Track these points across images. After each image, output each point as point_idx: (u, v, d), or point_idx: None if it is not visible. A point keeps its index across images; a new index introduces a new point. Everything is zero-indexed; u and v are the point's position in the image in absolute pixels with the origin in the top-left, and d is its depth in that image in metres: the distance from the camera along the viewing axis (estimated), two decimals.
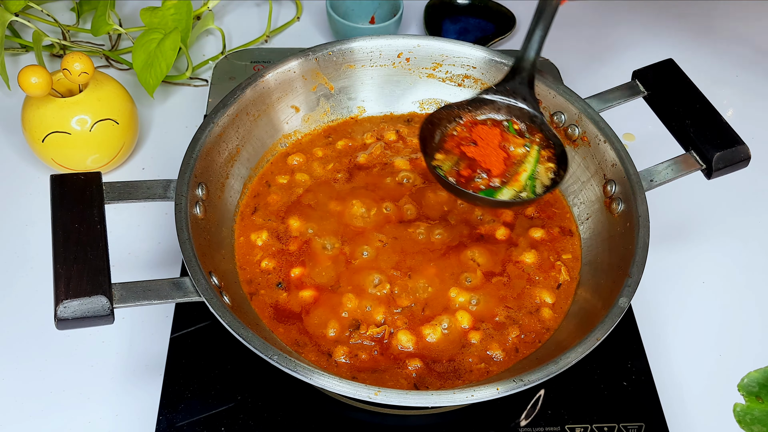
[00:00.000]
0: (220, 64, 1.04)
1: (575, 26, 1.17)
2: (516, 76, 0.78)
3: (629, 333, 0.79)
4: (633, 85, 0.82)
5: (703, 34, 1.18)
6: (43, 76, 0.81)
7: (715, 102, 0.80)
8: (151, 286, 0.63)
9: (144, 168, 0.95)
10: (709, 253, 0.89)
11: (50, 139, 0.86)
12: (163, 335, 0.78)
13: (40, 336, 0.78)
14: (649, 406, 0.74)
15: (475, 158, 0.74)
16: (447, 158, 0.75)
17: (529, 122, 0.77)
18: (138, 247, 0.86)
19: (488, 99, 0.78)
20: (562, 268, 0.76)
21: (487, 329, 0.72)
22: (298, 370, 0.60)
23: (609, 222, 0.76)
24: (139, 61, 0.94)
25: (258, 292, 0.74)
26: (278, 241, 0.77)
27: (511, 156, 0.75)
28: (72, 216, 0.65)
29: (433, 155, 0.75)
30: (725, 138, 0.76)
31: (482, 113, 0.78)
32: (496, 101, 0.78)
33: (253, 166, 0.82)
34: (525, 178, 0.74)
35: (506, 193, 0.73)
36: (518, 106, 0.78)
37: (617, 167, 0.76)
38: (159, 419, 0.71)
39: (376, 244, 0.77)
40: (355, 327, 0.71)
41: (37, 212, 0.89)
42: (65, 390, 0.75)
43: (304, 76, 0.85)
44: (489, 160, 0.74)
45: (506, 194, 0.73)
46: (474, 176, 0.74)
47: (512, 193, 0.73)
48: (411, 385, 0.68)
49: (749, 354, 0.81)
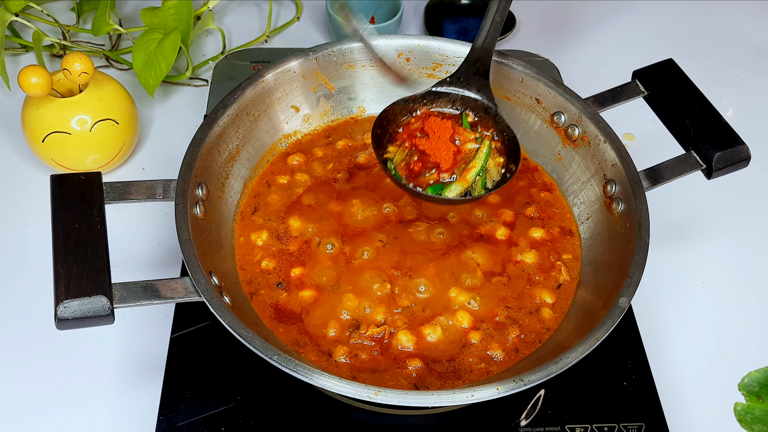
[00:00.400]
0: (220, 64, 1.04)
1: (575, 26, 1.17)
2: (470, 67, 0.78)
3: (629, 333, 0.79)
4: (633, 85, 0.82)
5: (703, 34, 1.18)
6: (43, 76, 0.81)
7: (715, 102, 0.80)
8: (151, 286, 0.63)
9: (144, 168, 0.95)
10: (709, 253, 0.89)
11: (50, 139, 0.86)
12: (163, 335, 0.78)
13: (40, 336, 0.78)
14: (649, 406, 0.74)
15: (426, 151, 0.74)
16: (398, 150, 0.75)
17: (484, 113, 0.77)
18: (138, 247, 0.86)
19: (442, 92, 0.77)
20: (562, 268, 0.76)
21: (487, 329, 0.72)
22: (298, 370, 0.60)
23: (609, 222, 0.76)
24: (139, 61, 0.94)
25: (258, 292, 0.74)
26: (278, 241, 0.77)
27: (461, 150, 0.75)
28: (72, 216, 0.65)
29: (386, 148, 0.74)
30: (725, 138, 0.76)
31: (437, 106, 0.78)
32: (451, 93, 0.77)
33: (253, 166, 0.82)
34: (473, 174, 0.73)
35: (454, 190, 0.73)
36: (472, 97, 0.77)
37: (617, 167, 0.76)
38: (159, 419, 0.71)
39: (376, 244, 0.77)
40: (355, 327, 0.71)
41: (37, 212, 0.89)
42: (65, 390, 0.75)
43: (304, 76, 0.85)
44: (439, 153, 0.74)
45: (454, 191, 0.73)
46: (424, 171, 0.73)
47: (459, 190, 0.73)
48: (411, 385, 0.68)
49: (749, 354, 0.81)
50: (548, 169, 0.84)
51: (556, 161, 0.83)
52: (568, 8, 1.20)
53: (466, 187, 0.73)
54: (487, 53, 0.77)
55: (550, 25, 1.17)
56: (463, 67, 0.78)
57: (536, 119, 0.84)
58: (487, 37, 0.76)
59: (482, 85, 0.78)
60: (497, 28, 0.76)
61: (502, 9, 0.75)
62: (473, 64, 0.78)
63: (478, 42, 0.77)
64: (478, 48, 0.77)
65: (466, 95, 0.78)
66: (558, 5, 1.20)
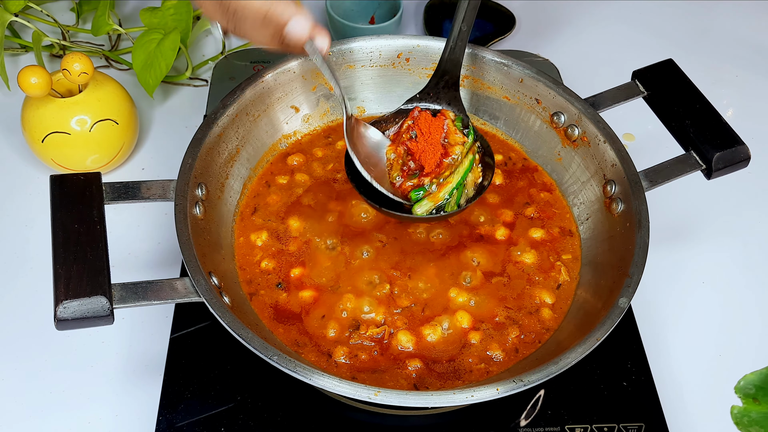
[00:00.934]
0: (220, 64, 1.04)
1: (575, 26, 1.17)
2: (439, 81, 0.78)
3: (629, 333, 0.79)
4: (633, 86, 0.82)
5: (703, 34, 1.18)
6: (42, 77, 0.81)
7: (715, 102, 0.80)
8: (151, 287, 0.63)
9: (144, 168, 0.95)
10: (709, 253, 0.89)
11: (50, 139, 0.86)
12: (163, 335, 0.78)
13: (40, 336, 0.78)
14: (649, 406, 0.74)
15: (414, 151, 0.74)
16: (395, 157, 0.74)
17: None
18: (138, 247, 0.86)
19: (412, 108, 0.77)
20: (562, 268, 0.76)
21: (487, 329, 0.72)
22: (298, 370, 0.60)
23: (609, 222, 0.76)
24: (139, 61, 0.94)
25: (258, 293, 0.74)
26: (278, 241, 0.77)
27: (448, 154, 0.74)
28: (72, 216, 0.65)
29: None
30: (725, 138, 0.76)
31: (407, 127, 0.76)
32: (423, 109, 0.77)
33: (252, 166, 0.82)
34: (446, 191, 0.72)
35: (424, 206, 0.72)
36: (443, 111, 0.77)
37: (617, 167, 0.76)
38: (159, 419, 0.71)
39: (376, 244, 0.77)
40: (355, 327, 0.71)
41: (37, 212, 0.89)
42: (65, 390, 0.75)
43: (304, 76, 0.85)
44: (425, 155, 0.73)
45: (424, 206, 0.72)
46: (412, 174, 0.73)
47: (428, 207, 0.72)
48: (411, 386, 0.68)
49: (749, 354, 0.81)
50: (548, 169, 0.84)
51: (555, 161, 0.83)
52: (568, 8, 1.20)
53: (437, 203, 0.72)
54: (455, 64, 0.76)
55: (550, 25, 1.17)
56: (431, 81, 0.78)
57: (536, 119, 0.84)
58: (455, 48, 0.76)
59: (452, 98, 0.77)
60: (464, 38, 0.76)
61: (469, 19, 0.74)
62: (441, 77, 0.78)
63: (444, 54, 0.76)
64: (444, 60, 0.77)
65: (437, 110, 0.77)
66: (558, 5, 1.20)
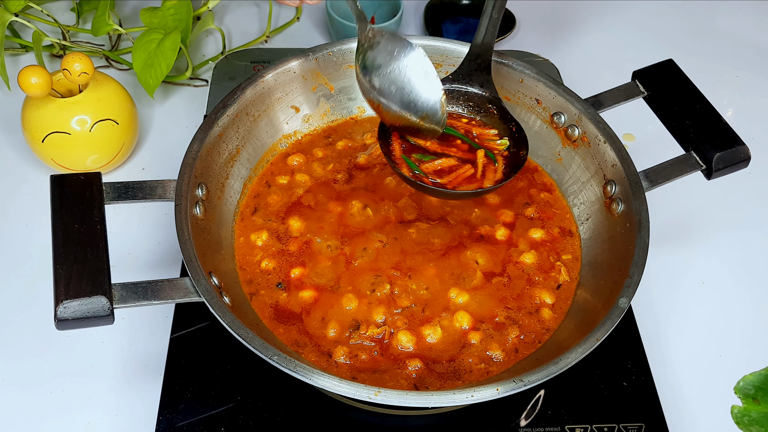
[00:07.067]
0: (220, 64, 1.04)
1: (575, 26, 1.17)
2: (472, 63, 0.79)
3: (629, 333, 0.79)
4: (633, 86, 0.82)
5: (703, 34, 1.18)
6: (43, 77, 0.81)
7: (715, 102, 0.80)
8: (151, 286, 0.63)
9: (144, 168, 0.95)
10: (709, 253, 0.89)
11: (50, 139, 0.86)
12: (163, 335, 0.78)
13: (41, 336, 0.78)
14: (649, 406, 0.74)
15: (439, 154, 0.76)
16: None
17: (489, 105, 0.78)
18: (138, 247, 0.86)
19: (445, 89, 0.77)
20: (562, 268, 0.76)
21: (487, 329, 0.72)
22: (298, 370, 0.60)
23: (609, 222, 0.76)
24: (139, 61, 0.94)
25: (258, 293, 0.74)
26: (278, 241, 0.77)
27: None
28: (72, 216, 0.65)
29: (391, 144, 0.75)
30: (725, 138, 0.76)
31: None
32: (454, 90, 0.79)
33: (253, 166, 0.82)
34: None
35: None
36: (476, 93, 0.78)
37: (617, 167, 0.76)
38: (159, 419, 0.71)
39: (376, 244, 0.77)
40: (355, 327, 0.71)
41: (37, 212, 0.89)
42: (65, 390, 0.75)
43: (304, 77, 0.85)
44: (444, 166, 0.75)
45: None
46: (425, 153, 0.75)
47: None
48: (411, 386, 0.68)
49: (749, 354, 0.81)
50: (548, 169, 0.84)
51: (555, 162, 0.83)
52: (568, 8, 1.20)
53: None
54: (487, 49, 0.78)
55: (550, 25, 1.17)
56: (464, 63, 0.79)
57: (536, 119, 0.84)
58: (486, 33, 0.77)
59: (485, 80, 0.79)
60: (495, 25, 0.77)
61: (499, 6, 0.76)
62: (474, 60, 0.79)
63: (477, 39, 0.78)
64: (477, 45, 0.78)
65: (470, 91, 0.78)
66: (558, 5, 1.20)
